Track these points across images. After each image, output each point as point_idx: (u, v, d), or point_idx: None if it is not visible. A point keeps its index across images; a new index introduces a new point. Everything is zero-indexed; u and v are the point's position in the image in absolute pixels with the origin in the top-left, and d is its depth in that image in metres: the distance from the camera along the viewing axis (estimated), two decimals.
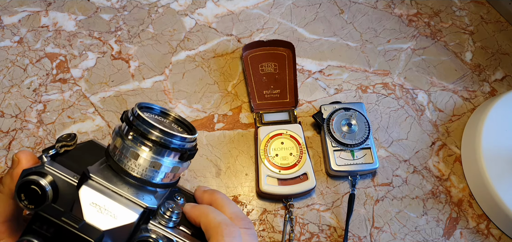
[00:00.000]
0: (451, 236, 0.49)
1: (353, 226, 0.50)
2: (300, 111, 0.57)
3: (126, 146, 0.29)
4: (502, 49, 0.64)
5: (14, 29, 0.61)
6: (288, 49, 0.59)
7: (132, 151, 0.29)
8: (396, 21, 0.66)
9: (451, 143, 0.56)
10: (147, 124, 0.29)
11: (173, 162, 0.31)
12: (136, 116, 0.30)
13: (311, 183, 0.49)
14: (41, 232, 0.27)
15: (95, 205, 0.28)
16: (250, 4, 0.66)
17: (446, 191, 0.52)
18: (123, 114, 0.31)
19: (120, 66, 0.59)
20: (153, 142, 0.29)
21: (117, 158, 0.30)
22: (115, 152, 0.30)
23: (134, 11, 0.64)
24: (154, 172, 0.30)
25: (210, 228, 0.29)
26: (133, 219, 0.28)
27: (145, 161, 0.29)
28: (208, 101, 0.57)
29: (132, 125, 0.30)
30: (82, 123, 0.54)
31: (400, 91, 0.59)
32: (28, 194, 0.29)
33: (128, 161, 0.29)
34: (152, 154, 0.30)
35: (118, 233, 0.28)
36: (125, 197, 0.29)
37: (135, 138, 0.30)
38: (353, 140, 0.51)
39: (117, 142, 0.30)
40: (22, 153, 0.30)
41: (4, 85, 0.57)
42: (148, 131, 0.29)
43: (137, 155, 0.29)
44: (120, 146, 0.30)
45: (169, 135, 0.30)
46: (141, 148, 0.29)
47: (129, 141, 0.30)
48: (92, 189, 0.28)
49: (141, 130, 0.29)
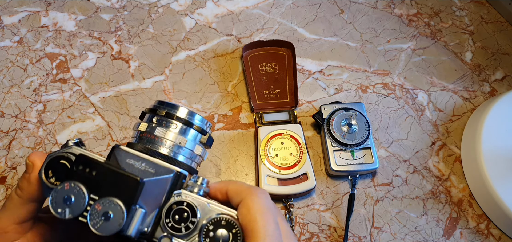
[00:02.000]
0: (451, 236, 0.49)
1: (353, 226, 0.50)
2: (300, 111, 0.57)
3: (152, 127, 0.31)
4: (502, 49, 0.64)
5: (14, 29, 0.61)
6: (288, 49, 0.59)
7: (159, 129, 0.31)
8: (396, 21, 0.66)
9: (451, 143, 0.56)
10: (171, 105, 0.32)
11: (196, 142, 0.33)
12: (159, 102, 0.33)
13: (311, 183, 0.49)
14: (84, 174, 0.27)
15: (132, 162, 0.29)
16: (250, 4, 0.66)
17: (446, 191, 0.52)
18: (142, 113, 0.34)
19: (120, 66, 0.59)
20: (178, 118, 0.32)
21: (143, 141, 0.31)
22: (140, 138, 0.32)
23: (134, 11, 0.64)
24: (180, 149, 0.32)
25: (242, 190, 0.30)
26: (170, 175, 0.29)
27: (172, 136, 0.31)
28: (208, 101, 0.57)
29: (156, 109, 0.32)
30: (82, 122, 0.54)
31: (400, 91, 0.59)
32: (56, 170, 0.29)
33: (155, 140, 0.31)
34: (178, 132, 0.32)
35: (155, 189, 0.28)
36: (152, 161, 0.30)
37: (160, 119, 0.32)
38: (353, 140, 0.51)
39: (142, 127, 0.32)
40: (34, 155, 0.30)
41: (4, 85, 0.57)
42: (173, 110, 0.32)
43: (165, 131, 0.31)
44: (146, 128, 0.32)
45: (191, 113, 0.33)
46: (167, 126, 0.32)
47: (155, 123, 0.32)
48: (127, 152, 0.29)
49: (166, 110, 0.32)
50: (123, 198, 0.26)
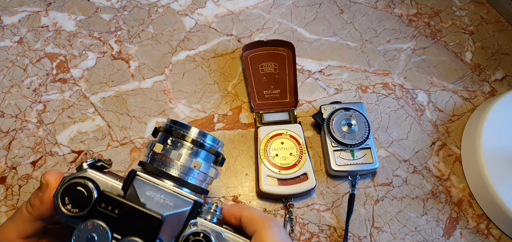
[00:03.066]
0: (451, 236, 0.49)
1: (353, 226, 0.50)
2: (300, 111, 0.57)
3: (167, 149, 0.31)
4: (502, 49, 0.64)
5: (14, 29, 0.61)
6: (288, 49, 0.59)
7: (174, 152, 0.31)
8: (396, 21, 0.66)
9: (451, 143, 0.56)
10: (185, 127, 0.32)
11: (209, 164, 0.33)
12: (174, 123, 0.33)
13: (311, 183, 0.49)
14: (106, 213, 0.28)
15: (151, 193, 0.29)
16: (250, 4, 0.66)
17: (446, 191, 0.52)
18: (155, 130, 0.34)
19: (120, 66, 0.59)
20: (193, 141, 0.32)
21: (157, 163, 0.31)
22: (154, 158, 0.32)
23: (134, 11, 0.64)
24: (193, 172, 0.32)
25: (256, 220, 0.31)
26: (188, 207, 0.30)
27: (186, 160, 0.31)
28: (208, 101, 0.57)
29: (171, 130, 0.32)
30: (82, 122, 0.54)
31: (400, 91, 0.59)
32: (73, 197, 0.29)
33: (169, 162, 0.31)
34: (192, 154, 0.32)
35: (173, 221, 0.29)
36: (174, 192, 0.30)
37: (175, 141, 0.32)
38: (353, 140, 0.51)
39: (157, 148, 0.32)
40: (50, 174, 0.30)
41: (4, 85, 0.57)
42: (187, 132, 0.32)
43: (179, 154, 0.31)
44: (161, 150, 0.31)
45: (204, 134, 0.33)
46: (181, 148, 0.32)
47: (170, 145, 0.32)
48: (145, 181, 0.30)
49: (181, 132, 0.32)
50: (145, 236, 0.27)
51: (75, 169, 0.31)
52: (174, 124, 0.33)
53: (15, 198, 0.49)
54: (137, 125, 0.55)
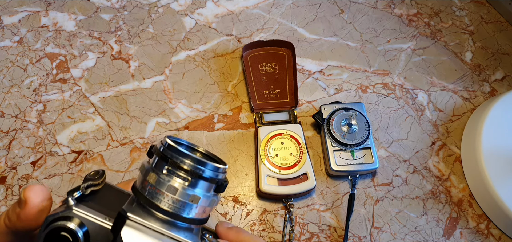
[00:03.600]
0: (451, 236, 0.49)
1: (353, 226, 0.50)
2: (300, 111, 0.57)
3: (161, 180, 0.28)
4: (502, 49, 0.64)
5: (14, 29, 0.61)
6: (288, 49, 0.59)
7: (169, 185, 0.27)
8: (396, 21, 0.66)
9: (451, 143, 0.56)
10: (183, 155, 0.28)
11: (209, 195, 0.29)
12: (170, 148, 0.28)
13: (311, 183, 0.49)
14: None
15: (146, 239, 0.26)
16: (250, 4, 0.66)
17: (446, 191, 0.52)
18: (151, 148, 0.30)
19: (120, 66, 0.59)
20: (191, 173, 0.28)
21: (150, 194, 0.28)
22: (146, 188, 0.28)
23: (134, 11, 0.64)
24: (191, 206, 0.28)
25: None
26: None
27: (183, 194, 0.28)
28: (208, 101, 0.57)
29: (167, 157, 0.28)
30: (82, 122, 0.54)
31: (400, 91, 0.59)
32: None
33: (163, 196, 0.28)
34: (190, 187, 0.28)
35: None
36: (168, 236, 0.27)
37: (171, 171, 0.28)
38: (353, 140, 0.51)
39: (150, 177, 0.28)
40: (30, 190, 0.28)
41: (4, 85, 0.57)
42: (185, 162, 0.28)
43: (175, 189, 0.27)
44: (155, 181, 0.28)
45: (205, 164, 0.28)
46: (178, 181, 0.28)
47: (165, 175, 0.28)
48: (134, 230, 0.27)
49: (177, 161, 0.28)
50: None
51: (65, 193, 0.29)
52: (170, 149, 0.28)
53: (15, 198, 0.49)
54: (137, 125, 0.55)
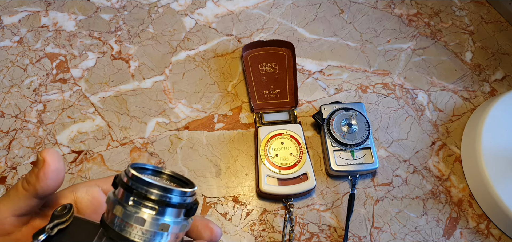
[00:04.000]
0: (451, 236, 0.49)
1: (353, 226, 0.50)
2: (300, 111, 0.57)
3: (128, 213, 0.27)
4: (502, 49, 0.64)
5: (14, 29, 0.61)
6: (288, 49, 0.59)
7: (137, 217, 0.26)
8: (396, 21, 0.66)
9: (451, 143, 0.56)
10: (147, 184, 0.27)
11: (179, 220, 0.28)
12: (134, 179, 0.27)
13: (311, 183, 0.49)
14: None
15: None
16: (250, 4, 0.66)
17: (446, 191, 0.52)
18: (115, 178, 0.28)
19: (120, 66, 0.59)
20: (157, 202, 0.27)
21: (119, 227, 0.27)
22: (114, 221, 0.27)
23: (134, 11, 0.64)
24: (162, 235, 0.27)
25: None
26: None
27: (152, 224, 0.27)
28: (208, 101, 0.57)
29: (131, 188, 0.27)
30: (82, 122, 0.55)
31: (400, 91, 0.59)
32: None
33: (132, 228, 0.27)
34: (158, 216, 0.27)
35: None
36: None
37: (137, 202, 0.27)
38: (353, 140, 0.51)
39: (117, 210, 0.27)
40: (47, 152, 0.29)
41: (4, 85, 0.57)
42: (150, 191, 0.27)
43: (143, 220, 0.27)
44: (122, 214, 0.27)
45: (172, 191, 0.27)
46: (145, 211, 0.27)
47: (131, 206, 0.27)
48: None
49: (142, 191, 0.27)
50: None
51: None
52: (134, 179, 0.27)
53: None
54: (137, 125, 0.55)
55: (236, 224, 0.49)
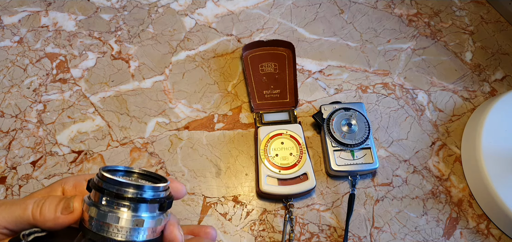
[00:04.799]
0: (451, 236, 0.49)
1: (353, 226, 0.50)
2: (300, 111, 0.57)
3: (102, 213, 0.28)
4: (502, 49, 0.64)
5: (14, 29, 0.61)
6: (288, 49, 0.59)
7: (111, 215, 0.28)
8: (396, 21, 0.66)
9: (451, 143, 0.56)
10: (118, 183, 0.28)
11: (154, 215, 0.29)
12: (104, 180, 0.28)
13: (311, 183, 0.49)
14: None
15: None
16: (250, 4, 0.66)
17: (446, 191, 0.52)
18: (88, 182, 0.30)
19: (120, 66, 0.59)
20: (129, 199, 0.28)
21: (96, 228, 0.28)
22: (91, 223, 0.28)
23: (134, 11, 0.64)
24: (138, 230, 0.28)
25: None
26: None
27: (126, 221, 0.28)
28: (208, 101, 0.57)
29: (103, 189, 0.28)
30: (82, 122, 0.55)
31: (400, 91, 0.59)
32: None
33: (108, 227, 0.28)
34: (132, 212, 0.28)
35: None
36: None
37: (110, 201, 0.28)
38: (353, 140, 0.51)
39: (92, 211, 0.28)
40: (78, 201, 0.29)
41: (4, 85, 0.57)
42: (121, 190, 0.28)
43: (117, 217, 0.28)
44: (96, 214, 0.28)
45: (142, 188, 0.29)
46: (119, 209, 0.28)
47: (104, 206, 0.28)
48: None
49: (114, 191, 0.28)
50: None
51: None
52: (105, 180, 0.28)
53: (15, 198, 0.49)
54: (137, 125, 0.55)
55: (236, 224, 0.49)
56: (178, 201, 0.50)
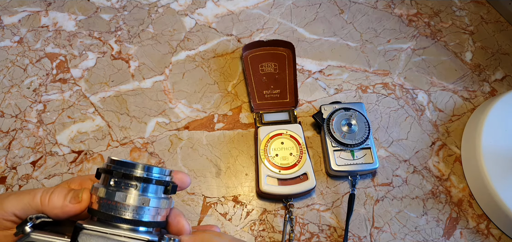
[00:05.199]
0: (451, 236, 0.49)
1: (353, 226, 0.50)
2: (300, 111, 0.57)
3: (111, 191, 0.29)
4: (502, 49, 0.64)
5: (14, 29, 0.61)
6: (288, 49, 0.59)
7: (119, 194, 0.29)
8: (396, 21, 0.66)
9: (451, 143, 0.56)
10: (126, 164, 0.30)
11: (160, 197, 0.31)
12: (114, 162, 0.30)
13: (311, 183, 0.49)
14: None
15: None
16: (250, 4, 0.66)
17: (446, 191, 0.52)
18: (97, 171, 0.31)
19: (120, 66, 0.59)
20: (137, 178, 0.30)
21: (103, 207, 0.30)
22: (100, 204, 0.30)
23: (134, 11, 0.64)
24: (144, 209, 0.30)
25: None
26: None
27: (133, 199, 0.30)
28: (208, 101, 0.57)
29: (111, 170, 0.30)
30: (82, 122, 0.55)
31: (400, 91, 0.59)
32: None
33: (116, 206, 0.29)
34: (139, 192, 0.30)
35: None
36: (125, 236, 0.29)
37: (118, 182, 0.30)
38: (353, 140, 0.51)
39: (100, 192, 0.30)
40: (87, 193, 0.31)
41: (4, 85, 0.57)
42: (129, 169, 0.30)
43: (125, 195, 0.29)
44: (104, 194, 0.30)
45: (149, 168, 0.31)
46: (127, 189, 0.30)
47: (113, 187, 0.30)
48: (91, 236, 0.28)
49: (122, 171, 0.30)
50: None
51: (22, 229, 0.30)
52: (114, 163, 0.30)
53: None
54: (137, 125, 0.55)
55: (236, 224, 0.49)
56: (178, 201, 0.50)
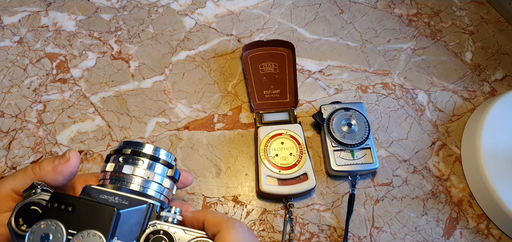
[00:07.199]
0: (451, 236, 0.49)
1: (353, 226, 0.50)
2: (300, 111, 0.57)
3: (120, 166, 0.32)
4: (502, 49, 0.64)
5: (14, 29, 0.61)
6: (288, 49, 0.59)
7: (127, 167, 0.32)
8: (396, 21, 0.66)
9: (451, 143, 0.56)
10: (135, 143, 0.33)
11: (163, 175, 0.33)
12: (124, 143, 0.33)
13: (311, 183, 0.49)
14: (60, 211, 0.28)
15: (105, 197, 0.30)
16: (250, 4, 0.66)
17: (446, 191, 0.52)
18: (106, 157, 0.34)
19: (120, 66, 0.59)
20: (145, 155, 0.32)
21: (113, 181, 0.32)
22: (107, 177, 0.32)
23: (134, 11, 0.64)
24: (148, 183, 0.32)
25: (219, 222, 0.31)
26: (143, 205, 0.30)
27: (140, 171, 0.32)
28: (208, 101, 0.57)
29: (121, 149, 0.33)
30: (82, 122, 0.55)
31: (400, 91, 0.59)
32: (27, 217, 0.29)
33: (123, 177, 0.31)
34: (145, 167, 0.32)
35: (130, 220, 0.29)
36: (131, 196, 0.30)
37: (126, 158, 0.32)
38: (353, 140, 0.51)
39: (110, 167, 0.32)
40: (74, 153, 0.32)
41: (4, 85, 0.57)
42: (138, 147, 0.33)
43: (133, 167, 0.32)
44: (113, 168, 0.32)
45: (156, 148, 0.33)
46: (134, 163, 0.32)
47: (121, 162, 0.32)
48: (98, 188, 0.30)
49: (131, 148, 0.33)
50: (101, 229, 0.27)
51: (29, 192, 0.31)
52: (125, 144, 0.33)
53: None
54: (137, 125, 0.55)
55: None
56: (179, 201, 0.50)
